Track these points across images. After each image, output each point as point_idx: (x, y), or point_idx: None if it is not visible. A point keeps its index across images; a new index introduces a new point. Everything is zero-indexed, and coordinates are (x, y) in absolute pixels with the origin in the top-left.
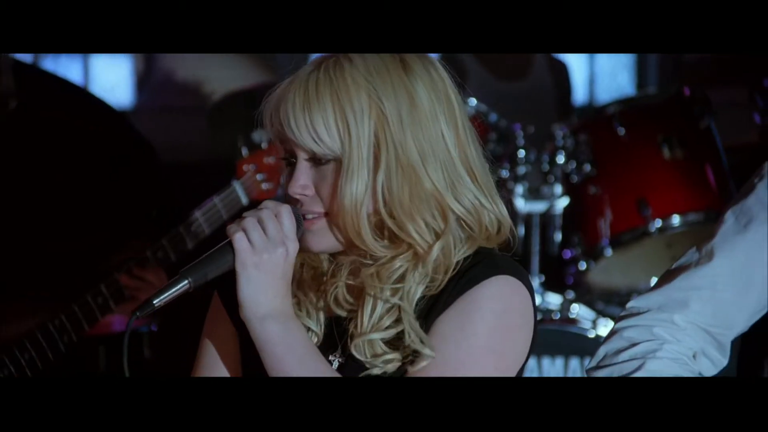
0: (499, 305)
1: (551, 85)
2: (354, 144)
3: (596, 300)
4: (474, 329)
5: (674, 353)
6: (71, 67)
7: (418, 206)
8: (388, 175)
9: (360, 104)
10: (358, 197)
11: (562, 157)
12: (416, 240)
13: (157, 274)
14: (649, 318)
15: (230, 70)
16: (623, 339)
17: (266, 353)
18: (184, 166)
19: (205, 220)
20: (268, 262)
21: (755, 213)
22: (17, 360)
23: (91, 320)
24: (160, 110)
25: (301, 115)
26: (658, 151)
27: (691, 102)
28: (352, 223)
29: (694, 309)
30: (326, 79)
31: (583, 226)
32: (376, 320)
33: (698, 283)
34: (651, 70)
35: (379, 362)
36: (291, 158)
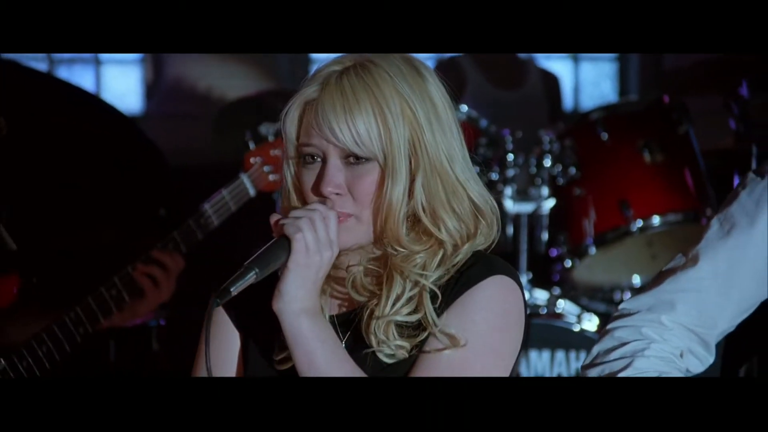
0: (498, 305)
1: (543, 95)
2: (395, 147)
3: (581, 296)
4: (476, 329)
5: (662, 352)
6: (84, 76)
7: (452, 202)
8: (425, 176)
9: (396, 109)
10: (399, 198)
11: (548, 160)
12: (449, 233)
13: (172, 257)
14: (638, 319)
15: (234, 79)
16: (614, 339)
17: (298, 347)
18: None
19: (214, 212)
20: (315, 263)
21: (738, 220)
22: (35, 352)
23: (106, 312)
24: (168, 116)
25: (343, 117)
26: (639, 155)
27: (670, 109)
28: (392, 221)
29: (681, 310)
30: (361, 83)
31: (569, 226)
32: (398, 306)
33: (684, 286)
34: (632, 78)
35: (392, 345)
36: (313, 158)
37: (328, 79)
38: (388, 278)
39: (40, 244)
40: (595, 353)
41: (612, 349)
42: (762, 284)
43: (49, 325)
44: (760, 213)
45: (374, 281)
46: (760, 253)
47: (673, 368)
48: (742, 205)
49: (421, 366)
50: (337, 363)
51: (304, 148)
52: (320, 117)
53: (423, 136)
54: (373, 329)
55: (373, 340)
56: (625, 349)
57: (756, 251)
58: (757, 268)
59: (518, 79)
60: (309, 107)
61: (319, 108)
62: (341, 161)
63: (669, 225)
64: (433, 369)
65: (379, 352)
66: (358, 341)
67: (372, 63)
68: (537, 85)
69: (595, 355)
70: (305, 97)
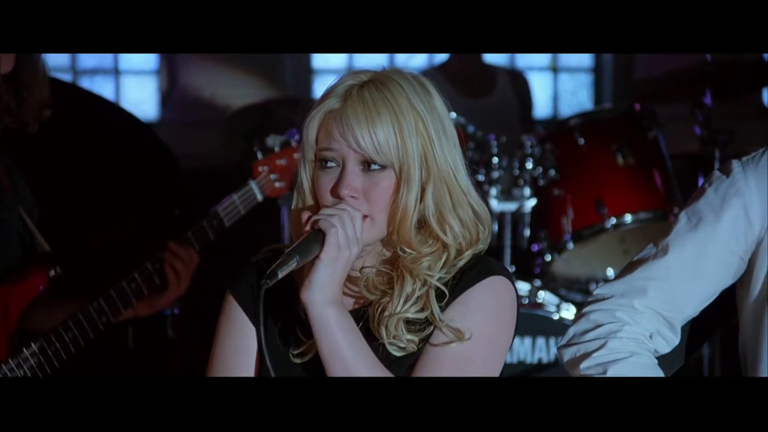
0: (495, 304)
1: (514, 98)
2: (410, 157)
3: (559, 287)
4: (476, 326)
5: (633, 333)
6: (104, 86)
7: (457, 209)
8: (435, 185)
9: (411, 122)
10: (412, 204)
11: (530, 163)
12: (454, 237)
13: (188, 252)
14: (612, 303)
15: (242, 88)
16: (589, 321)
17: (324, 335)
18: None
19: (225, 214)
20: (345, 258)
21: (704, 214)
22: (62, 338)
23: (126, 303)
24: (181, 123)
25: (365, 127)
26: (612, 158)
27: (640, 116)
28: (405, 225)
29: (651, 296)
30: (381, 96)
31: (549, 224)
32: (409, 304)
33: (655, 274)
34: (606, 88)
35: (404, 339)
36: (330, 163)
37: (350, 92)
38: (399, 278)
39: (66, 240)
40: (571, 334)
41: (587, 331)
42: (725, 273)
43: (75, 313)
44: (725, 208)
45: (384, 281)
46: (724, 244)
47: (643, 349)
48: (709, 200)
49: (428, 358)
50: (360, 351)
51: (325, 153)
52: (344, 125)
53: (433, 148)
54: (385, 325)
55: (385, 335)
56: (600, 331)
57: (720, 243)
58: (721, 258)
59: (487, 87)
60: (330, 116)
61: (343, 117)
62: (359, 167)
63: (640, 222)
64: (439, 361)
65: (391, 346)
66: (368, 335)
67: (388, 78)
68: (507, 90)
69: (571, 336)
70: (327, 107)
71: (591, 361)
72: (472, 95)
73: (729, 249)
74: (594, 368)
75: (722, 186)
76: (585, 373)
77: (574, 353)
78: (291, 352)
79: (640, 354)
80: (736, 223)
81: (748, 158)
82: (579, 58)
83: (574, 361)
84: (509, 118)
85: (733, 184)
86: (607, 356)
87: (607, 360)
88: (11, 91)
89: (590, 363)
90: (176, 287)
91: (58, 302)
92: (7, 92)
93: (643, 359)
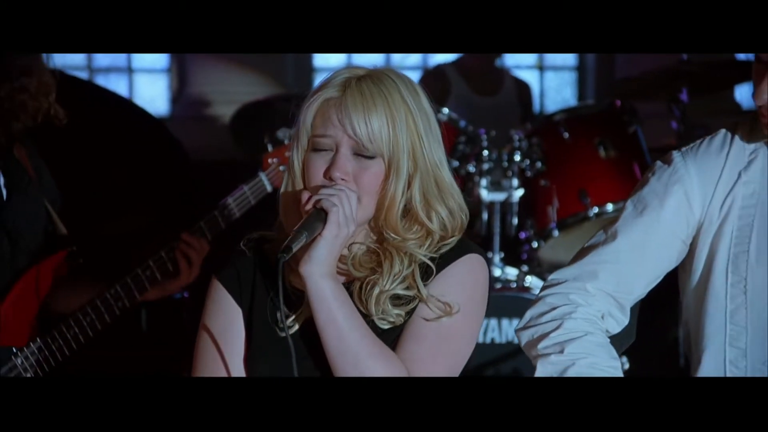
0: (472, 279)
1: (516, 100)
2: (400, 148)
3: (545, 272)
4: (457, 300)
5: (586, 314)
6: (119, 83)
7: (445, 199)
8: (422, 176)
9: (402, 117)
10: (399, 192)
11: (518, 156)
12: (439, 224)
13: (200, 242)
14: (566, 287)
15: (248, 86)
16: (545, 304)
17: (321, 306)
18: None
19: (236, 205)
20: (344, 235)
21: (649, 201)
22: (80, 322)
23: (141, 289)
24: (191, 119)
25: (362, 116)
26: (595, 151)
27: (621, 112)
28: (392, 213)
29: (602, 279)
30: (377, 90)
31: (535, 212)
32: (397, 281)
33: (605, 258)
34: (589, 86)
35: (393, 314)
36: (324, 149)
37: (349, 82)
38: (387, 258)
39: (85, 229)
40: (528, 318)
41: (543, 313)
42: (670, 255)
43: (93, 299)
44: (668, 195)
45: (371, 259)
46: (668, 228)
47: (596, 328)
48: (653, 188)
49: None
50: (354, 322)
51: (319, 138)
52: (342, 112)
53: (421, 143)
54: (375, 301)
55: (374, 311)
56: (555, 313)
57: (664, 227)
58: (666, 241)
59: (495, 87)
60: (328, 104)
61: (342, 105)
62: (350, 153)
63: (621, 211)
64: (425, 333)
65: (381, 320)
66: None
67: (383, 75)
68: (511, 92)
69: (528, 319)
70: (326, 95)
71: (548, 341)
72: (481, 92)
73: (672, 233)
74: (552, 347)
75: (664, 174)
76: (542, 352)
77: (532, 335)
78: (278, 325)
79: (594, 333)
80: (679, 208)
81: (687, 148)
82: (563, 57)
83: (532, 342)
84: (511, 117)
85: (675, 172)
86: (563, 335)
87: (563, 339)
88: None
89: (548, 342)
90: (188, 274)
91: (77, 288)
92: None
93: (597, 338)
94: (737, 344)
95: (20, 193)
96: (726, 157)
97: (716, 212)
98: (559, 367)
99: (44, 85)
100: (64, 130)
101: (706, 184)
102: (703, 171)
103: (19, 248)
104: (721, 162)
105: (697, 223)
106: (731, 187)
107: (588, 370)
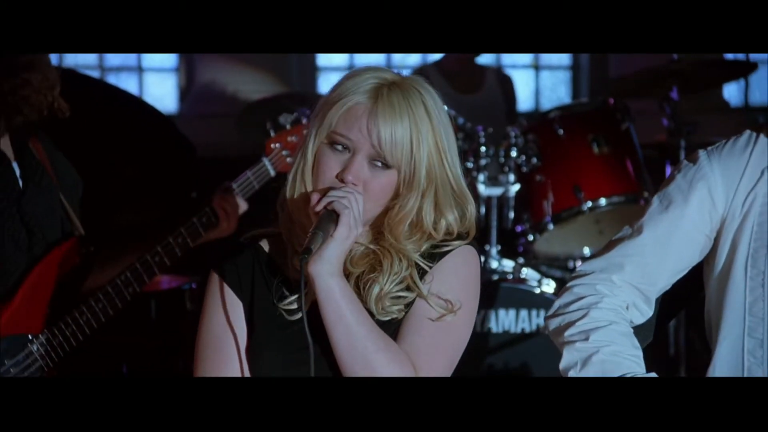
0: (466, 270)
1: (500, 94)
2: (418, 163)
3: (541, 264)
4: (455, 296)
5: (612, 305)
6: (129, 82)
7: (455, 205)
8: (437, 188)
9: (424, 132)
10: (412, 206)
11: (514, 152)
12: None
13: (233, 198)
14: (593, 278)
15: (254, 84)
16: (573, 294)
17: (330, 304)
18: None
19: (240, 189)
20: (353, 236)
21: (674, 197)
22: (93, 308)
23: (150, 274)
24: (199, 116)
25: (389, 127)
26: (589, 148)
27: (614, 109)
28: (401, 225)
29: (628, 271)
30: (407, 104)
31: (531, 207)
32: (397, 280)
33: (631, 251)
34: (583, 84)
35: (394, 310)
36: (342, 148)
37: (380, 91)
38: (386, 257)
39: (97, 220)
40: (557, 306)
41: (571, 302)
42: (693, 249)
43: (104, 286)
44: (692, 191)
45: (369, 257)
46: (692, 224)
47: (621, 318)
48: (678, 185)
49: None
50: (360, 317)
51: (340, 138)
52: (371, 122)
53: (440, 156)
54: (375, 299)
55: (375, 308)
56: (582, 302)
57: (688, 222)
58: (690, 236)
59: (477, 84)
60: (356, 108)
61: (372, 114)
62: (366, 160)
63: (613, 205)
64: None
65: (383, 316)
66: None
67: (411, 86)
68: (494, 88)
69: (556, 308)
70: (356, 100)
71: (574, 329)
72: (464, 91)
73: (696, 228)
74: (577, 335)
75: (690, 172)
76: (568, 339)
77: (559, 323)
78: (283, 309)
79: (618, 323)
80: (702, 204)
81: (713, 148)
82: (558, 57)
83: (560, 329)
84: (496, 112)
85: (699, 170)
86: (588, 324)
87: (589, 327)
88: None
89: (574, 330)
90: (227, 223)
91: (89, 276)
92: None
93: (621, 327)
94: (755, 335)
95: (36, 185)
96: (749, 156)
97: (738, 209)
98: (583, 354)
99: (48, 79)
100: (78, 127)
101: (729, 182)
102: (726, 169)
103: (35, 238)
104: (744, 161)
105: (721, 219)
106: (753, 185)
107: (611, 358)
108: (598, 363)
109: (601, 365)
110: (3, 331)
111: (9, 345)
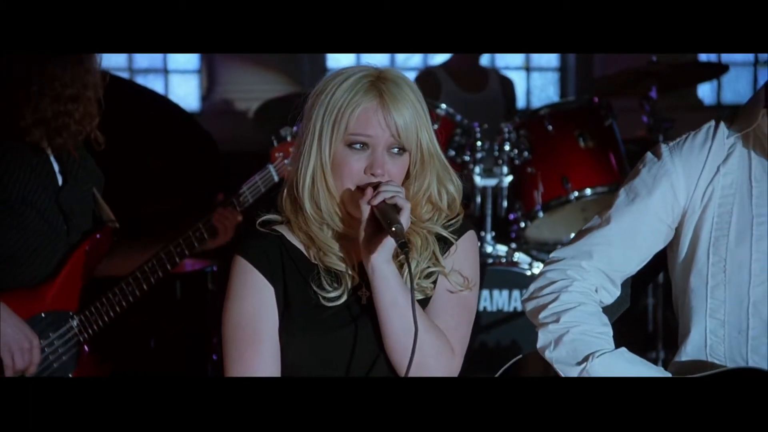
0: (474, 252)
1: (501, 95)
2: (425, 144)
3: (531, 249)
4: (470, 273)
5: (581, 288)
6: (156, 83)
7: (451, 177)
8: (435, 165)
9: (420, 114)
10: (429, 183)
11: (508, 146)
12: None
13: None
14: (564, 264)
15: (268, 84)
16: (545, 278)
17: (387, 288)
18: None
19: (249, 192)
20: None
21: (639, 191)
22: (124, 291)
23: (173, 263)
24: (219, 114)
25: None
26: (575, 142)
27: (598, 107)
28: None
29: (596, 258)
30: (403, 93)
31: (523, 196)
32: (426, 257)
33: (599, 240)
34: (570, 84)
35: (427, 286)
36: (362, 147)
37: (378, 86)
38: (415, 236)
39: (126, 211)
40: (532, 290)
41: (544, 287)
42: (656, 239)
43: (133, 271)
44: (656, 186)
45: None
46: (655, 215)
47: (590, 299)
48: (643, 179)
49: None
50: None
51: (359, 137)
52: (384, 114)
53: (430, 137)
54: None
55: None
56: (554, 287)
57: (652, 214)
58: (654, 227)
59: (481, 84)
60: (366, 110)
61: (384, 108)
62: (386, 151)
63: (598, 195)
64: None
65: (420, 294)
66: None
67: (397, 77)
68: (496, 88)
69: (531, 291)
70: (364, 102)
71: (547, 311)
72: (468, 89)
73: (659, 219)
74: (549, 317)
75: (654, 167)
76: (542, 321)
77: (534, 305)
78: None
79: (587, 303)
80: (665, 198)
81: (674, 143)
82: (548, 59)
83: (535, 311)
84: (496, 111)
85: (662, 166)
86: (559, 306)
87: (559, 310)
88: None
89: (546, 313)
90: (224, 235)
91: (120, 261)
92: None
93: (590, 308)
94: (716, 316)
95: (72, 178)
96: (708, 152)
97: (698, 201)
98: (555, 334)
99: (89, 114)
100: (108, 125)
101: (689, 177)
102: (687, 165)
103: (72, 225)
104: (703, 157)
105: (682, 211)
106: (711, 179)
107: (580, 337)
108: (568, 342)
109: (572, 344)
110: (49, 307)
111: (54, 319)
